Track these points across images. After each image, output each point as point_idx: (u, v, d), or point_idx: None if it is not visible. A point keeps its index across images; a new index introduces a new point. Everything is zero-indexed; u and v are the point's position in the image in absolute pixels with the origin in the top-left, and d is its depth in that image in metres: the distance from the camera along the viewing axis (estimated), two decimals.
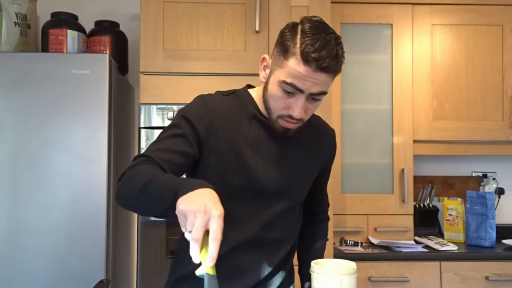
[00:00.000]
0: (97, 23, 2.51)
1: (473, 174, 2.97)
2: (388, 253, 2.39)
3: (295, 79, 1.15)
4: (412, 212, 2.62)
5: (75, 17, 2.41)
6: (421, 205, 2.78)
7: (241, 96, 1.32)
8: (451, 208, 2.70)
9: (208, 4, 2.29)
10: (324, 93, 1.18)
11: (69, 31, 2.28)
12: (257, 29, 2.26)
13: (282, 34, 1.19)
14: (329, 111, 2.28)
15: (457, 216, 2.68)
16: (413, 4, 2.66)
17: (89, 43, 2.40)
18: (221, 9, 2.29)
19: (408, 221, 2.62)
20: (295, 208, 1.36)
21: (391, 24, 2.65)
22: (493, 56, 2.68)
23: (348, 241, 2.48)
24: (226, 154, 1.23)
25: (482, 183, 2.95)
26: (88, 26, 2.47)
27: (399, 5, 2.65)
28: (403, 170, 2.60)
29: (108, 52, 2.37)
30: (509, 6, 2.68)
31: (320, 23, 1.17)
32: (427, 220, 2.76)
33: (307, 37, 1.13)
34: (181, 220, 0.91)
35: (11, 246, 2.04)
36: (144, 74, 2.24)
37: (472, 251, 2.46)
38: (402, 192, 2.60)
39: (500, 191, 2.90)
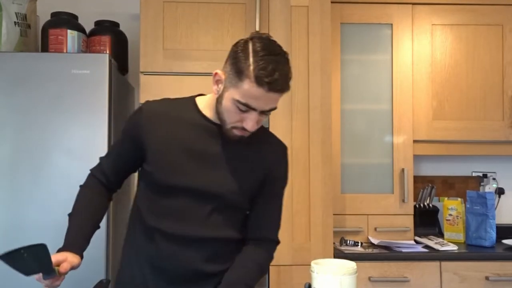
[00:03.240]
0: (97, 23, 2.51)
1: (473, 174, 2.97)
2: (388, 253, 2.39)
3: (249, 99, 1.24)
4: (412, 212, 2.62)
5: (75, 17, 2.41)
6: (421, 205, 2.78)
7: (184, 102, 1.43)
8: (451, 208, 2.70)
9: (208, 4, 2.29)
10: (274, 108, 1.29)
11: (69, 31, 2.28)
12: (257, 29, 2.26)
13: (234, 54, 1.27)
14: (329, 111, 2.28)
15: (457, 216, 2.68)
16: (413, 4, 2.66)
17: (89, 43, 2.40)
18: (221, 9, 2.29)
19: (408, 221, 2.62)
20: (225, 210, 1.38)
21: (391, 24, 2.65)
22: (493, 56, 2.68)
23: (348, 241, 2.48)
24: (159, 153, 1.36)
25: (482, 183, 2.95)
26: (88, 26, 2.47)
27: (399, 5, 2.65)
28: (403, 170, 2.60)
29: (108, 52, 2.37)
30: (509, 6, 2.68)
31: (269, 41, 1.27)
32: (427, 220, 2.76)
33: (260, 60, 1.21)
34: None
35: (10, 246, 2.03)
36: (144, 74, 2.24)
37: (472, 251, 2.46)
38: (402, 192, 2.60)
39: (500, 191, 2.90)
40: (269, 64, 1.21)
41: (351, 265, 1.26)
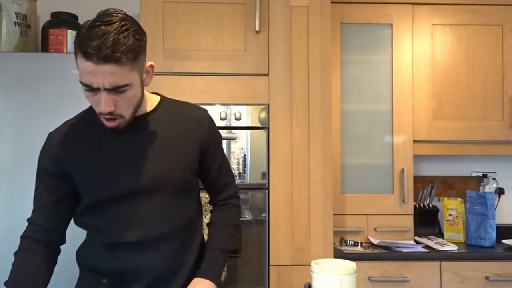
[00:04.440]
0: None
1: (473, 174, 2.97)
2: (388, 253, 2.39)
3: (85, 77, 1.15)
4: (412, 212, 2.62)
5: (75, 17, 2.41)
6: (421, 205, 2.78)
7: (85, 112, 1.38)
8: (451, 208, 2.70)
9: (208, 4, 2.29)
10: (121, 85, 1.17)
11: (69, 31, 2.28)
12: (257, 29, 2.26)
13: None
14: (329, 111, 2.28)
15: (457, 216, 2.68)
16: (413, 4, 2.66)
17: None
18: (221, 9, 2.29)
19: (408, 221, 2.62)
20: (175, 195, 1.33)
21: (391, 24, 2.66)
22: (493, 56, 2.68)
23: (348, 241, 2.48)
24: (83, 172, 1.30)
25: (482, 183, 2.95)
26: None
27: (399, 5, 2.65)
28: (403, 170, 2.60)
29: None
30: (509, 6, 2.68)
31: (104, 12, 1.17)
32: (427, 220, 2.77)
33: (85, 32, 1.13)
34: None
35: (11, 245, 2.02)
36: None
37: (472, 251, 2.46)
38: (402, 192, 2.60)
39: (500, 191, 2.91)
40: (94, 34, 1.12)
41: (351, 265, 1.26)
